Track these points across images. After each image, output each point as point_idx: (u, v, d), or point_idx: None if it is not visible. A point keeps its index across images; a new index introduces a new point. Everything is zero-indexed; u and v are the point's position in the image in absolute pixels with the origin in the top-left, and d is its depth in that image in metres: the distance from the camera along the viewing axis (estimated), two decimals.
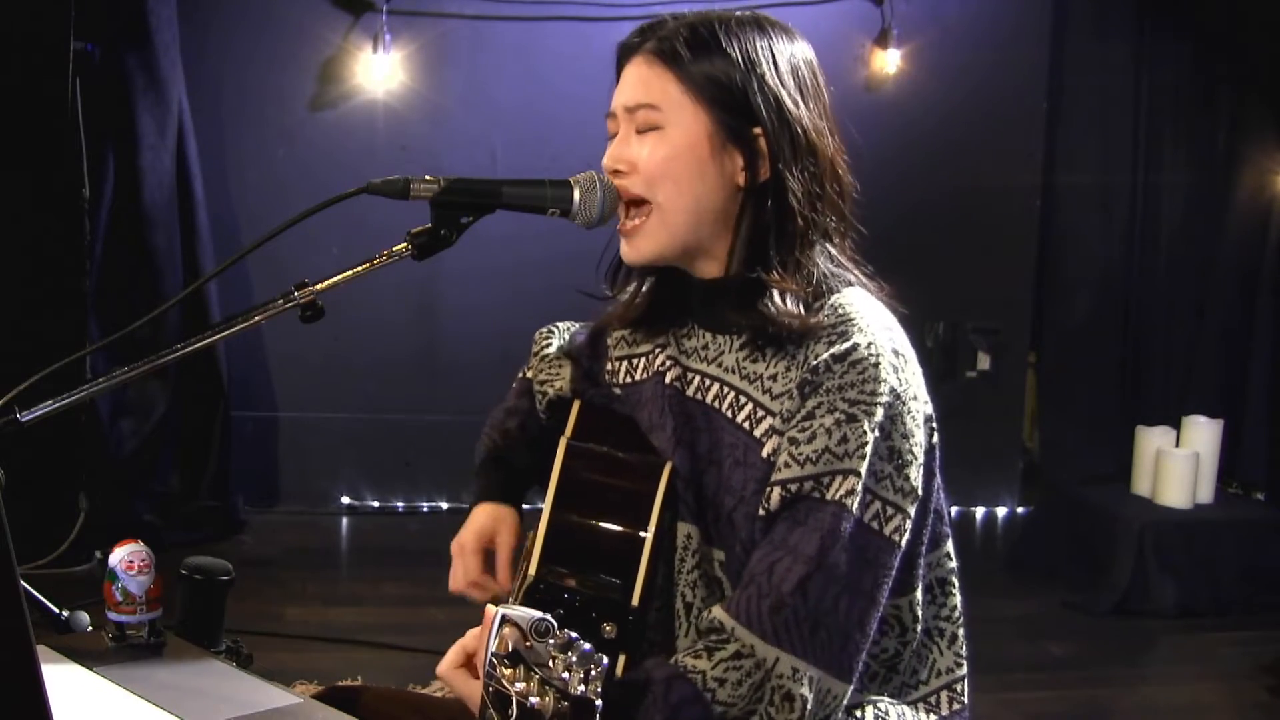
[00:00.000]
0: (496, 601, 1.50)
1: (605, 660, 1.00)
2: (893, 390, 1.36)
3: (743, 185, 1.45)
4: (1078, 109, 5.40)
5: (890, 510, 1.35)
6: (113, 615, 1.60)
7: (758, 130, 1.43)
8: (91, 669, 1.50)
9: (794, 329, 1.40)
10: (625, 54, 1.50)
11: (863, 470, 1.33)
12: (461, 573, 1.66)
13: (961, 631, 1.52)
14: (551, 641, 1.00)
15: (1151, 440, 4.74)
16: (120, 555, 1.60)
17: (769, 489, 1.36)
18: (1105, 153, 5.41)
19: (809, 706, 1.31)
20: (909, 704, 1.49)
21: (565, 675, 0.99)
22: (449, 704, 1.75)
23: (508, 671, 1.00)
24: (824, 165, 1.45)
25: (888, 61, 5.19)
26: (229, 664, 1.61)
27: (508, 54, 5.06)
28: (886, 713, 1.45)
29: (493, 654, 1.01)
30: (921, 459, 1.38)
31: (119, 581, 1.59)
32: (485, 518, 1.69)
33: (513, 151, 5.04)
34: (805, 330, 1.40)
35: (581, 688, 0.99)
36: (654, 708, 1.30)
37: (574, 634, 1.02)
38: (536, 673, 1.00)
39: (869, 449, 1.33)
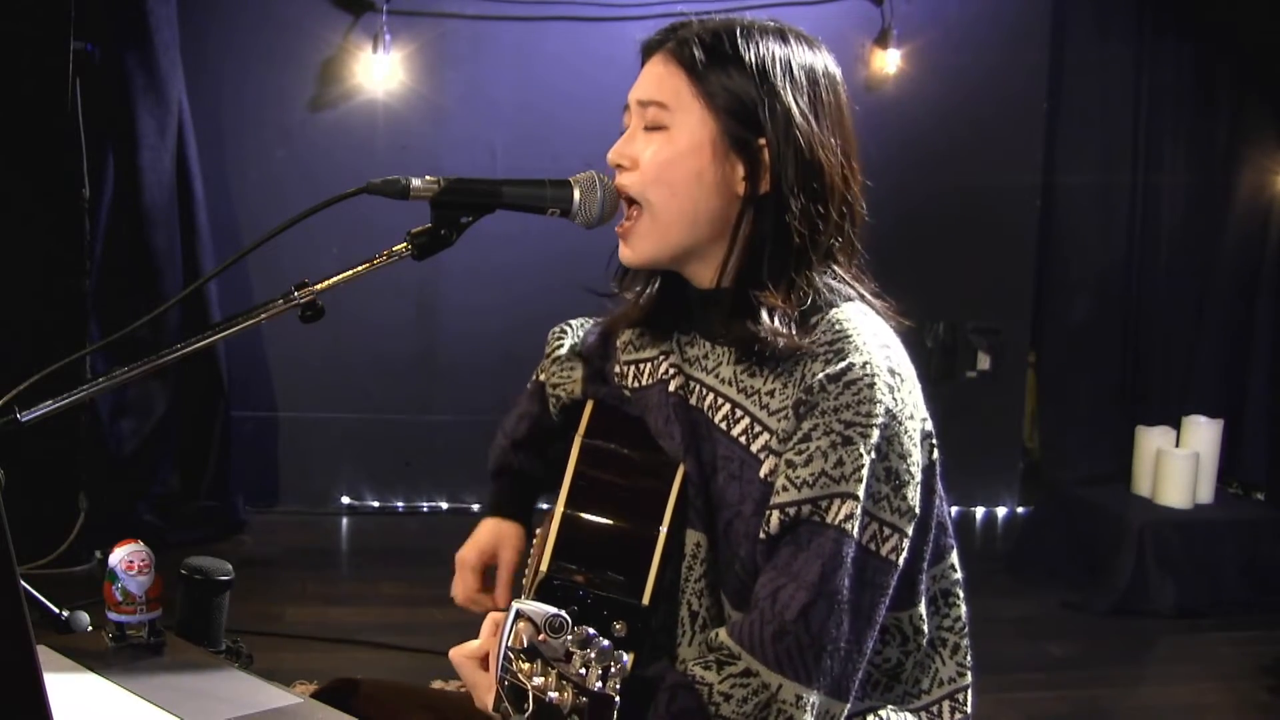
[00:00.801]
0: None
1: (625, 657, 0.99)
2: (888, 411, 1.34)
3: (742, 194, 1.44)
4: (1078, 109, 5.40)
5: (887, 531, 1.35)
6: (113, 615, 1.59)
7: (763, 141, 1.42)
8: (91, 669, 1.50)
9: (779, 348, 1.38)
10: (648, 50, 1.49)
11: (860, 493, 1.32)
12: (460, 588, 1.70)
13: (966, 641, 1.51)
14: (568, 637, 1.00)
15: (1151, 440, 4.74)
16: (120, 555, 1.60)
17: (769, 513, 1.35)
18: (1105, 153, 5.42)
19: None
20: (911, 712, 1.49)
21: (583, 671, 0.99)
22: (446, 695, 1.76)
23: (524, 666, 1.00)
24: (829, 185, 1.43)
25: (888, 61, 5.19)
26: (229, 664, 1.61)
27: (507, 54, 5.06)
28: (888, 719, 1.45)
29: (508, 648, 1.01)
30: (919, 477, 1.38)
31: (119, 581, 1.59)
32: (489, 534, 1.71)
33: (513, 151, 5.04)
34: (793, 350, 1.38)
35: (600, 684, 0.98)
36: (654, 714, 1.30)
37: (592, 630, 1.01)
38: (554, 668, 0.99)
39: (865, 471, 1.33)
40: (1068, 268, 5.50)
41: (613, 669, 0.99)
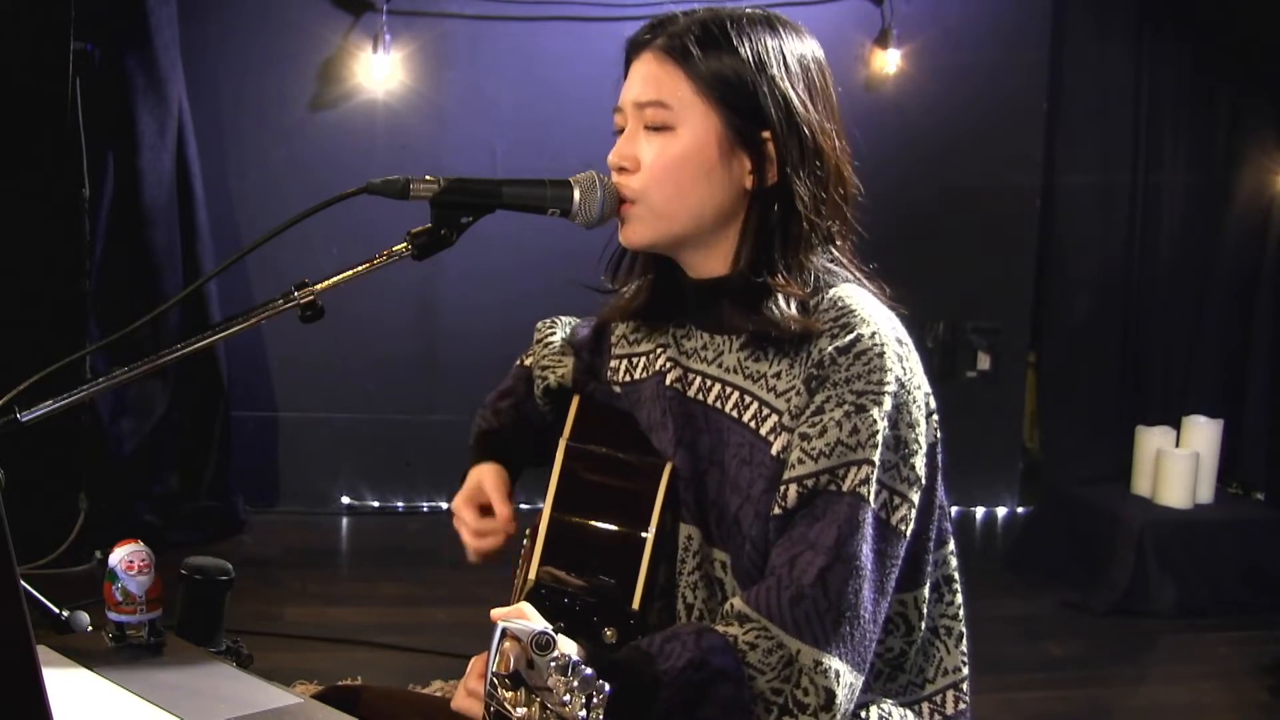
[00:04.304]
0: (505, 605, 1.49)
1: (607, 687, 0.99)
2: (898, 379, 1.36)
3: (749, 188, 1.44)
4: (1078, 109, 5.40)
5: (896, 500, 1.36)
6: (113, 615, 1.59)
7: (766, 134, 1.42)
8: (91, 669, 1.50)
9: (794, 333, 1.40)
10: (635, 49, 1.48)
11: (875, 459, 1.33)
12: (465, 533, 1.66)
13: (965, 630, 1.52)
14: (553, 661, 0.99)
15: (1151, 440, 4.74)
16: (120, 555, 1.60)
17: (784, 486, 1.36)
18: (1105, 153, 5.41)
19: (838, 700, 1.31)
20: (914, 703, 1.49)
21: (566, 699, 0.98)
22: (449, 704, 1.76)
23: (508, 694, 0.99)
24: (829, 168, 1.45)
25: (888, 61, 5.18)
26: (229, 664, 1.61)
27: (507, 54, 5.06)
28: (890, 713, 1.45)
29: (494, 674, 1.00)
30: (925, 448, 1.39)
31: (119, 581, 1.58)
32: (467, 482, 1.70)
33: (513, 151, 5.04)
34: (806, 333, 1.40)
35: (583, 713, 0.98)
36: (683, 649, 1.28)
37: (575, 656, 1.01)
38: (537, 697, 0.99)
39: (880, 437, 1.34)
40: (1068, 268, 5.50)
41: (595, 699, 0.99)
